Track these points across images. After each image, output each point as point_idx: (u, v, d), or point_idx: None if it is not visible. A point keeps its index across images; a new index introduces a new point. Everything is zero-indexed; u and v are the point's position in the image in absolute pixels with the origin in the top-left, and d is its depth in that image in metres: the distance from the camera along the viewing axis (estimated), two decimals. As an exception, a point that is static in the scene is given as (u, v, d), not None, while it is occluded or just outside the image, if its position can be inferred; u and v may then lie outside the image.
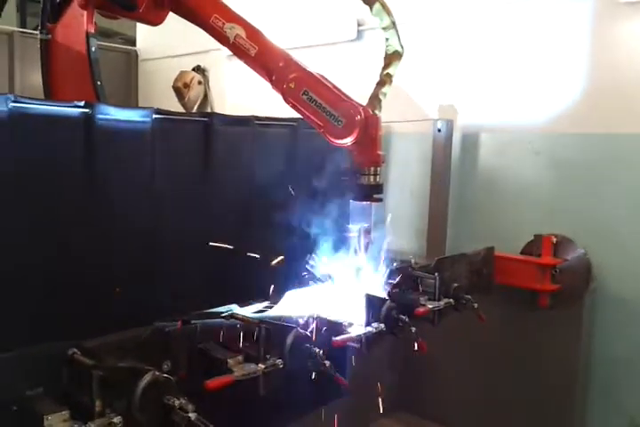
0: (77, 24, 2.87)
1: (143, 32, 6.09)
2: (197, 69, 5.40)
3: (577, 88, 3.30)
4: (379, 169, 2.20)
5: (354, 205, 2.25)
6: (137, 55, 6.17)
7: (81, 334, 1.54)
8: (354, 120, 2.11)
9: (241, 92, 4.96)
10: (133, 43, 6.34)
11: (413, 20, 3.80)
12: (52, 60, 2.95)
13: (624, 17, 3.13)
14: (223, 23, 2.33)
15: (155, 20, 2.80)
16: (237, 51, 2.35)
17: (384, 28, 2.33)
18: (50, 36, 2.91)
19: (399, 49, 2.33)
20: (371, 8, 2.34)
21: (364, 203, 2.23)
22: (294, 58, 2.28)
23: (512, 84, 3.55)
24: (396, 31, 2.32)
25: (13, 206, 2.14)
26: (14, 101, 2.11)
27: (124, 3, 2.63)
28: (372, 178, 2.19)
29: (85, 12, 2.82)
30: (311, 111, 2.18)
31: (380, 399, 2.37)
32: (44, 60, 2.96)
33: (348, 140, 2.14)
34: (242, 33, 2.31)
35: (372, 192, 2.21)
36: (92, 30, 2.88)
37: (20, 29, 5.58)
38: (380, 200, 2.24)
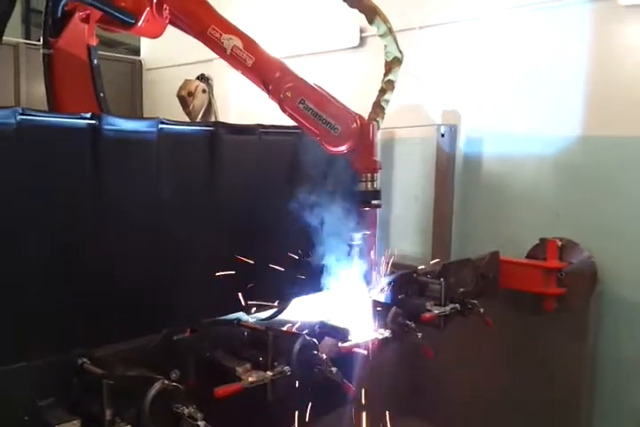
0: (79, 38, 2.92)
1: (147, 42, 6.12)
2: (201, 78, 5.42)
3: (580, 91, 3.29)
4: (376, 175, 2.22)
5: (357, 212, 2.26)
6: (141, 65, 6.21)
7: (87, 342, 1.55)
8: (349, 128, 2.15)
9: (245, 101, 4.99)
10: (137, 52, 6.39)
11: (417, 27, 3.82)
12: (55, 73, 2.98)
13: (627, 20, 3.13)
14: (220, 34, 2.35)
15: (153, 33, 2.82)
16: (234, 61, 2.37)
17: (381, 36, 2.36)
18: (52, 50, 2.94)
19: (398, 55, 2.36)
20: (367, 16, 2.37)
21: (365, 209, 2.25)
22: (290, 68, 2.31)
23: (515, 88, 3.55)
24: (394, 38, 2.35)
25: (22, 216, 2.17)
26: (22, 114, 2.14)
27: (122, 17, 2.66)
28: (369, 184, 2.21)
29: (86, 26, 2.86)
30: (308, 120, 2.21)
31: (386, 405, 2.37)
32: (47, 73, 2.99)
33: (345, 148, 2.16)
34: (239, 44, 2.33)
35: (370, 198, 2.23)
36: (94, 43, 2.92)
37: (25, 41, 5.62)
38: (378, 206, 2.25)
